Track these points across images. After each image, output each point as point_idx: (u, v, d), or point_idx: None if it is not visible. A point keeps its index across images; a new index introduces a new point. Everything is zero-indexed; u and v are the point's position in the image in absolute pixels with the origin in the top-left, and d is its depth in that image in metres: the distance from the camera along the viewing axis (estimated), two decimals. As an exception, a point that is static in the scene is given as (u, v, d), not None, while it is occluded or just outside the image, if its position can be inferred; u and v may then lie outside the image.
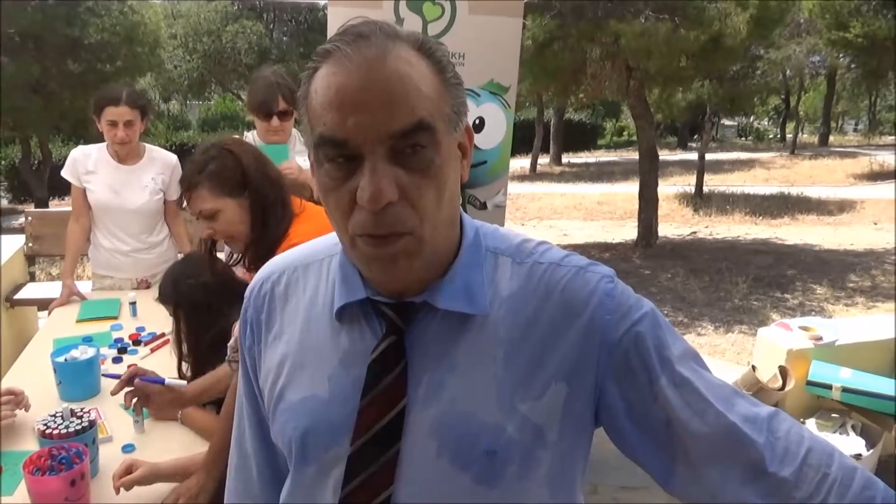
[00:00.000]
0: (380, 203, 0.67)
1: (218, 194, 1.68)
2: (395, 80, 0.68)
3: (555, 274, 0.80)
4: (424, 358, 0.78)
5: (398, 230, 0.70)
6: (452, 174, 0.74)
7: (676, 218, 10.86)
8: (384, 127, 0.67)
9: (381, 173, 0.68)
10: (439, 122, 0.70)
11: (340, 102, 0.68)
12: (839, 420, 2.98)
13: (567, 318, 0.78)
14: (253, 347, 0.91)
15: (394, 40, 0.70)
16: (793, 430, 0.77)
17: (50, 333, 2.59)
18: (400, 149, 0.68)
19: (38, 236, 4.08)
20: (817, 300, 6.36)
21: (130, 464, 1.59)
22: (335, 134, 0.69)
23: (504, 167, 3.07)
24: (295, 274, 0.89)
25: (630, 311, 0.79)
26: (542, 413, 0.78)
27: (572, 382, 0.78)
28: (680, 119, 18.93)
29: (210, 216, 1.69)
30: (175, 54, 16.44)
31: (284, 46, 17.52)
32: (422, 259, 0.74)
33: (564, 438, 0.79)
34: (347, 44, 0.69)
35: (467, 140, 0.78)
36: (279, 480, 0.91)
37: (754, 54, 11.32)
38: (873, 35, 11.95)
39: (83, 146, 3.04)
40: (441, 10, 2.77)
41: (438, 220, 0.73)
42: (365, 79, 0.67)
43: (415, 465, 0.77)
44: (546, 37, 6.96)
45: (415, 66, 0.70)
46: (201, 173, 1.67)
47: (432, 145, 0.70)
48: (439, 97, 0.71)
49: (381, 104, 0.67)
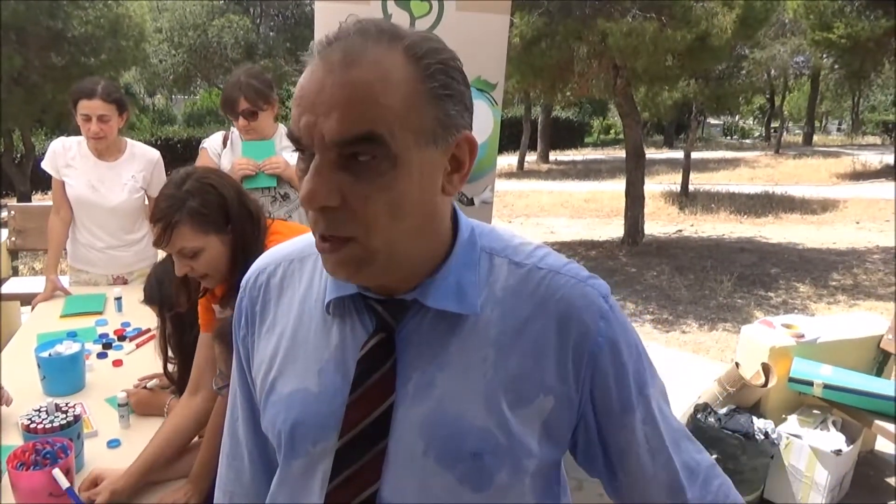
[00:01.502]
0: (313, 204, 0.68)
1: (201, 232, 1.56)
2: (350, 88, 0.66)
3: (554, 282, 0.80)
4: (414, 356, 0.78)
5: (338, 234, 0.70)
6: (419, 189, 0.71)
7: (662, 216, 10.93)
8: (328, 133, 0.67)
9: (320, 176, 0.68)
10: (404, 134, 0.68)
11: (299, 101, 0.69)
12: (820, 416, 3.01)
13: (562, 334, 0.78)
14: (247, 338, 0.91)
15: (370, 42, 0.68)
16: (722, 488, 0.86)
17: (34, 328, 2.57)
18: (348, 155, 0.68)
19: (21, 230, 4.04)
20: (800, 298, 6.42)
21: (95, 476, 1.58)
22: (293, 130, 0.70)
23: (491, 164, 3.08)
24: (291, 266, 0.89)
25: (620, 342, 0.81)
26: (528, 421, 0.78)
27: (559, 397, 0.79)
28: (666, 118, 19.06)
29: (192, 255, 1.58)
30: (160, 48, 16.31)
31: (271, 41, 17.44)
32: (377, 266, 0.72)
33: (546, 446, 0.80)
34: (323, 45, 0.70)
35: (465, 154, 0.75)
36: (271, 469, 0.91)
37: (740, 54, 11.44)
38: (856, 36, 12.07)
39: (64, 138, 2.99)
40: (429, 7, 2.77)
41: (393, 232, 0.71)
42: (322, 82, 0.67)
43: (401, 462, 0.77)
44: (533, 34, 6.97)
45: (386, 73, 0.67)
46: (182, 210, 1.54)
47: (384, 157, 0.67)
48: (410, 109, 0.68)
49: (330, 109, 0.66)
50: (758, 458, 2.82)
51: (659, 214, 10.96)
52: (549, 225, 10.49)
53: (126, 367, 2.27)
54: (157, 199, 1.59)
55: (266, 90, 2.77)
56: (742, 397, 3.04)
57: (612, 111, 28.16)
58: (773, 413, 3.05)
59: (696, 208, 11.33)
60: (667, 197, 12.24)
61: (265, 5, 17.57)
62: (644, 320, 5.78)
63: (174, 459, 1.65)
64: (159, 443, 1.62)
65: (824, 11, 12.62)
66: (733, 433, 2.79)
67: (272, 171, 2.78)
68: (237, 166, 2.76)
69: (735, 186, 13.92)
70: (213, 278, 1.64)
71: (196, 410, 1.68)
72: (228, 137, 2.95)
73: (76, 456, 1.60)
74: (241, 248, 1.59)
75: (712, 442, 2.78)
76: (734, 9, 6.85)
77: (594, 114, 32.44)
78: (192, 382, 1.71)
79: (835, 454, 2.79)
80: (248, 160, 2.77)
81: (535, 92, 9.66)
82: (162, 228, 1.55)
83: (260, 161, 2.78)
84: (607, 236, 9.43)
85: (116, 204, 2.94)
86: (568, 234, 9.81)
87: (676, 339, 5.25)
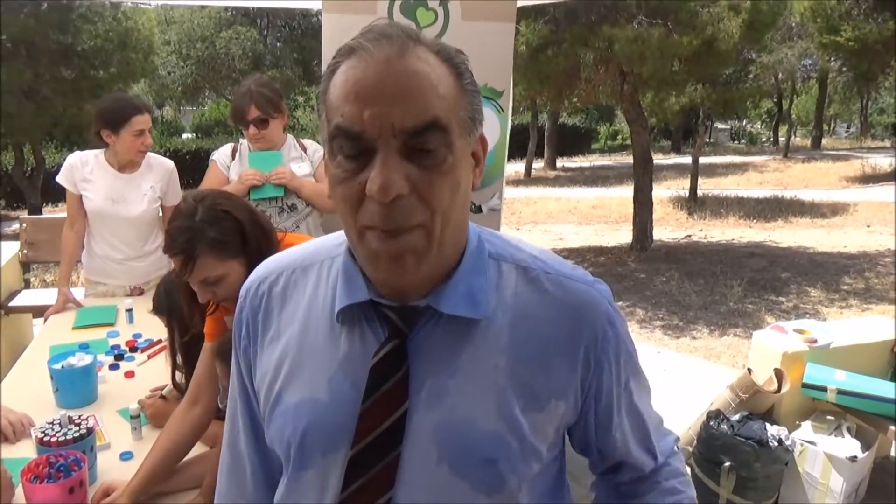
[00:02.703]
0: (389, 194, 0.68)
1: (221, 259, 1.57)
2: (412, 77, 0.69)
3: (563, 287, 0.82)
4: (427, 362, 0.79)
5: (408, 224, 0.70)
6: (465, 177, 0.75)
7: (671, 221, 10.89)
8: (399, 121, 0.68)
9: (392, 166, 0.68)
10: (454, 123, 0.71)
11: (357, 94, 0.69)
12: (834, 422, 2.98)
13: (572, 339, 0.80)
14: (248, 348, 0.90)
15: (415, 41, 0.71)
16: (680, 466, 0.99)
17: (46, 340, 2.58)
18: (413, 145, 0.69)
19: (33, 243, 4.07)
20: (812, 303, 6.38)
21: (106, 487, 1.58)
22: (351, 125, 0.69)
23: (499, 171, 3.08)
24: (294, 275, 0.89)
25: (623, 348, 0.85)
26: (541, 426, 0.79)
27: (569, 401, 0.81)
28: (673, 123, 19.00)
29: (215, 282, 1.59)
30: (169, 60, 16.46)
31: (278, 52, 17.55)
32: (428, 259, 0.74)
33: (555, 450, 0.83)
34: (370, 41, 0.70)
35: (480, 150, 0.78)
36: (273, 482, 0.91)
37: (747, 58, 11.41)
38: (864, 39, 12.03)
39: (80, 152, 3.02)
40: (434, 16, 2.78)
41: (450, 216, 0.73)
42: (384, 73, 0.68)
43: (415, 470, 0.77)
44: (540, 42, 6.99)
45: (434, 67, 0.71)
46: (201, 241, 1.54)
47: (445, 145, 0.70)
48: (455, 101, 0.72)
49: (398, 99, 0.68)
50: (772, 465, 2.80)
51: (667, 220, 10.93)
52: (558, 231, 10.48)
53: (138, 378, 2.27)
54: (173, 232, 1.57)
55: (276, 99, 2.79)
56: (755, 403, 3.02)
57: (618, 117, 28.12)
58: (786, 419, 3.02)
59: (705, 213, 11.29)
60: (675, 202, 12.20)
61: (272, 17, 17.68)
62: (654, 326, 5.75)
63: (175, 471, 1.63)
64: (157, 455, 1.59)
65: (831, 14, 12.59)
66: (746, 440, 2.77)
67: (279, 181, 2.79)
68: (244, 177, 2.77)
69: (744, 191, 13.87)
70: (234, 300, 1.64)
71: (194, 421, 1.65)
72: (237, 149, 2.96)
73: (89, 469, 1.61)
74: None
75: (725, 449, 2.76)
76: (740, 13, 6.85)
77: (601, 120, 32.42)
78: (190, 392, 1.70)
79: (850, 460, 2.76)
80: (255, 171, 2.79)
81: (542, 99, 9.67)
82: (183, 261, 1.55)
83: (267, 172, 2.80)
84: (616, 242, 9.40)
85: (136, 215, 2.97)
86: (576, 240, 9.79)
87: (687, 345, 5.22)
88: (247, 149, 2.93)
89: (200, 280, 1.58)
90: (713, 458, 2.79)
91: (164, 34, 15.90)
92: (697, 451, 2.89)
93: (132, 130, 2.82)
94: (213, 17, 16.56)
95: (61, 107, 9.68)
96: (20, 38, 9.02)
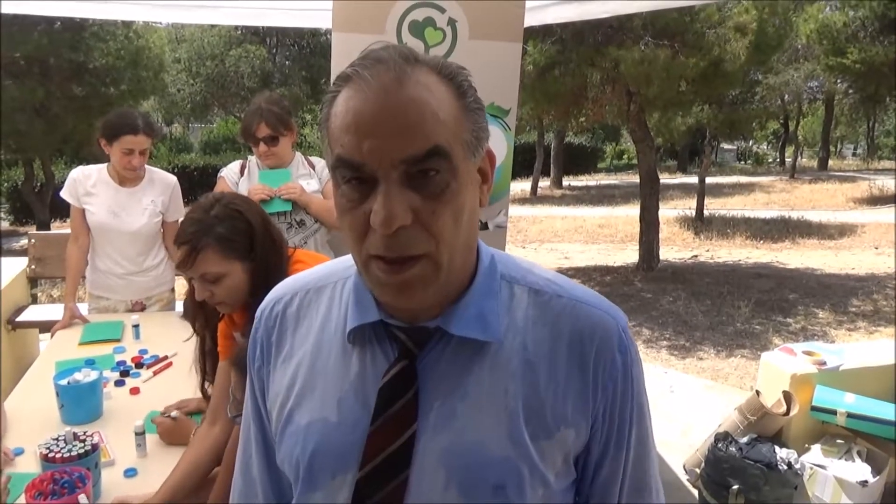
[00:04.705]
0: (391, 226, 0.67)
1: (225, 258, 1.58)
2: (410, 106, 0.68)
3: (575, 312, 0.81)
4: (436, 384, 0.78)
5: (412, 253, 0.70)
6: (470, 199, 0.74)
7: (677, 241, 10.87)
8: (398, 152, 0.67)
9: (394, 197, 0.68)
10: (456, 147, 0.70)
11: (356, 126, 0.68)
12: (844, 446, 2.95)
13: (583, 367, 0.79)
14: (262, 368, 0.90)
15: (413, 65, 0.70)
16: None
17: (52, 356, 2.58)
18: (414, 173, 0.68)
19: (41, 258, 4.08)
20: (819, 324, 6.34)
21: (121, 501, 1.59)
22: (351, 157, 0.69)
23: (505, 188, 3.09)
24: (308, 296, 0.88)
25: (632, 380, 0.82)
26: (550, 452, 0.78)
27: (579, 429, 0.80)
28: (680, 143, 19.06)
29: (214, 280, 1.59)
30: (178, 78, 16.61)
31: (287, 70, 17.69)
32: (436, 286, 0.73)
33: (563, 478, 0.81)
34: (366, 68, 0.70)
35: (488, 165, 0.78)
36: None
37: (753, 79, 11.44)
38: (870, 61, 12.07)
39: (83, 167, 3.04)
40: (442, 36, 2.80)
41: (455, 244, 0.72)
42: (381, 104, 0.68)
43: (423, 493, 0.76)
44: (547, 62, 7.03)
45: (433, 92, 0.70)
46: (208, 234, 1.56)
47: (448, 170, 0.70)
48: (457, 123, 0.71)
49: (396, 130, 0.67)
50: (781, 488, 2.76)
51: (674, 240, 10.91)
52: (564, 250, 10.47)
53: (143, 394, 2.27)
54: (185, 223, 1.60)
55: (286, 116, 2.82)
56: (763, 426, 2.99)
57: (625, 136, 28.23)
58: (795, 442, 2.99)
59: (712, 233, 11.27)
60: (681, 222, 12.19)
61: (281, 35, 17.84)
62: (660, 346, 5.72)
63: (195, 490, 1.64)
64: (179, 475, 1.61)
65: (838, 37, 12.64)
66: (755, 463, 2.74)
67: (289, 196, 2.80)
68: (252, 192, 2.78)
69: (750, 211, 13.85)
70: (230, 305, 1.65)
71: (214, 442, 1.67)
72: (246, 166, 2.98)
73: (94, 485, 1.60)
74: (263, 277, 1.58)
75: (734, 472, 2.73)
76: (747, 35, 6.88)
77: (607, 139, 32.50)
78: (210, 412, 1.71)
79: (860, 485, 2.73)
80: (263, 185, 2.80)
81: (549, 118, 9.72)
82: (187, 252, 1.56)
83: (275, 188, 2.81)
84: (622, 262, 9.38)
85: (136, 229, 2.98)
86: (582, 259, 9.77)
87: (694, 366, 5.19)
88: (255, 165, 2.95)
89: (200, 274, 1.59)
90: (721, 480, 2.76)
91: (174, 52, 16.07)
92: (705, 473, 2.86)
93: (122, 147, 2.84)
94: (222, 35, 16.72)
95: (71, 123, 9.75)
96: (33, 56, 9.12)
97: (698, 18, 6.94)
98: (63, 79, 9.61)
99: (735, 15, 6.99)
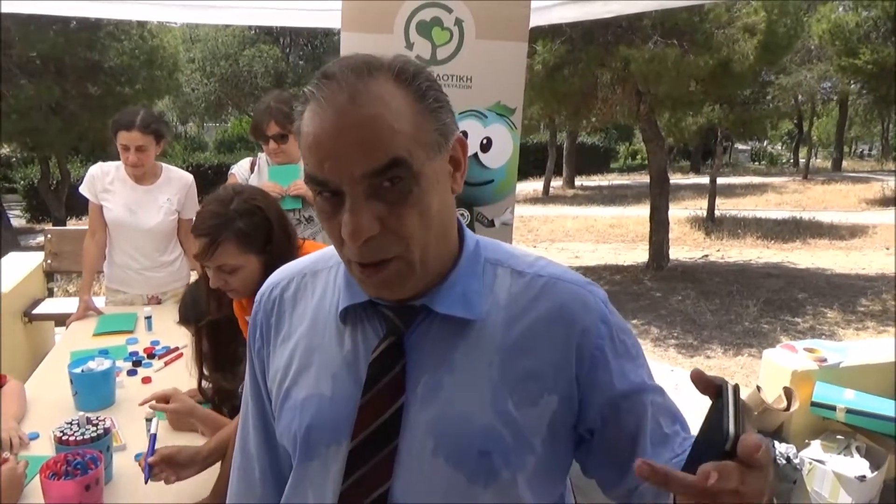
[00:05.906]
0: (359, 239, 0.73)
1: (243, 252, 1.63)
2: (366, 124, 0.71)
3: (555, 288, 0.85)
4: (423, 359, 0.83)
5: (383, 257, 0.75)
6: (439, 195, 0.77)
7: (688, 241, 10.85)
8: (358, 169, 0.71)
9: (359, 211, 0.72)
10: (417, 152, 0.73)
11: (316, 148, 0.73)
12: (844, 442, 2.98)
13: (565, 336, 0.83)
14: (262, 350, 0.96)
15: (367, 79, 0.73)
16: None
17: (67, 346, 2.66)
18: (378, 184, 0.73)
19: (57, 253, 4.16)
20: (828, 324, 6.33)
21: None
22: (316, 175, 0.74)
23: (511, 186, 3.12)
24: (304, 280, 0.94)
25: (619, 343, 0.85)
26: (533, 420, 0.82)
27: (562, 396, 0.83)
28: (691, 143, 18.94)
29: (230, 271, 1.65)
30: (193, 77, 16.75)
31: (300, 70, 17.81)
32: (413, 279, 0.79)
33: (549, 445, 0.84)
34: (320, 89, 0.74)
35: (459, 153, 0.81)
36: (281, 482, 0.95)
37: (765, 80, 11.38)
38: (882, 62, 11.98)
39: (102, 163, 3.10)
40: (449, 35, 2.85)
41: (427, 240, 0.77)
42: (336, 125, 0.72)
43: (412, 462, 0.81)
44: (556, 61, 7.04)
45: (389, 102, 0.72)
46: (228, 228, 1.61)
47: (410, 177, 0.73)
48: (417, 127, 0.74)
49: (354, 148, 0.71)
50: (780, 483, 2.79)
51: (685, 240, 10.89)
52: (574, 250, 10.48)
53: (155, 383, 2.32)
54: (203, 214, 1.65)
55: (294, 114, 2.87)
56: (764, 421, 3.02)
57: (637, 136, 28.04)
58: (795, 438, 3.02)
59: (723, 234, 11.24)
60: (693, 222, 12.16)
61: (295, 35, 17.96)
62: (668, 345, 5.74)
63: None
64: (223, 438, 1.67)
65: (850, 37, 12.55)
66: (755, 457, 2.76)
67: (298, 193, 2.86)
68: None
69: (762, 212, 13.79)
70: (241, 293, 1.71)
71: None
72: (255, 163, 3.04)
73: (105, 468, 1.66)
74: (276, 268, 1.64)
75: (733, 466, 2.76)
76: (756, 35, 6.87)
77: (620, 139, 32.34)
78: None
79: (859, 480, 2.75)
80: (272, 184, 2.86)
81: (560, 118, 9.72)
82: (207, 244, 1.61)
83: (285, 186, 2.87)
84: (632, 261, 9.39)
85: (152, 226, 3.04)
86: (592, 258, 9.78)
87: (701, 364, 5.20)
88: (265, 163, 3.01)
89: (217, 266, 1.64)
90: (721, 475, 2.79)
91: (188, 52, 16.22)
92: (705, 467, 2.88)
93: (119, 143, 2.89)
94: (236, 35, 16.86)
95: (87, 122, 9.86)
96: (49, 55, 9.25)
97: (707, 19, 6.93)
98: (78, 78, 9.73)
99: (744, 15, 6.98)
